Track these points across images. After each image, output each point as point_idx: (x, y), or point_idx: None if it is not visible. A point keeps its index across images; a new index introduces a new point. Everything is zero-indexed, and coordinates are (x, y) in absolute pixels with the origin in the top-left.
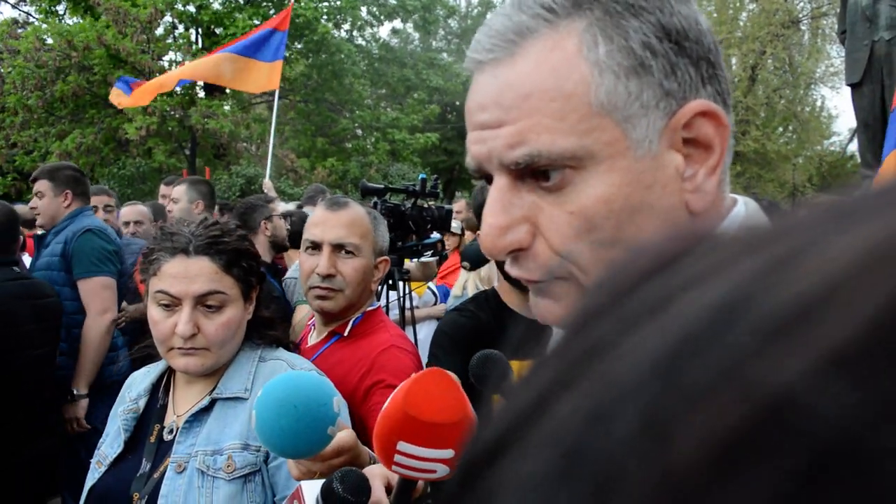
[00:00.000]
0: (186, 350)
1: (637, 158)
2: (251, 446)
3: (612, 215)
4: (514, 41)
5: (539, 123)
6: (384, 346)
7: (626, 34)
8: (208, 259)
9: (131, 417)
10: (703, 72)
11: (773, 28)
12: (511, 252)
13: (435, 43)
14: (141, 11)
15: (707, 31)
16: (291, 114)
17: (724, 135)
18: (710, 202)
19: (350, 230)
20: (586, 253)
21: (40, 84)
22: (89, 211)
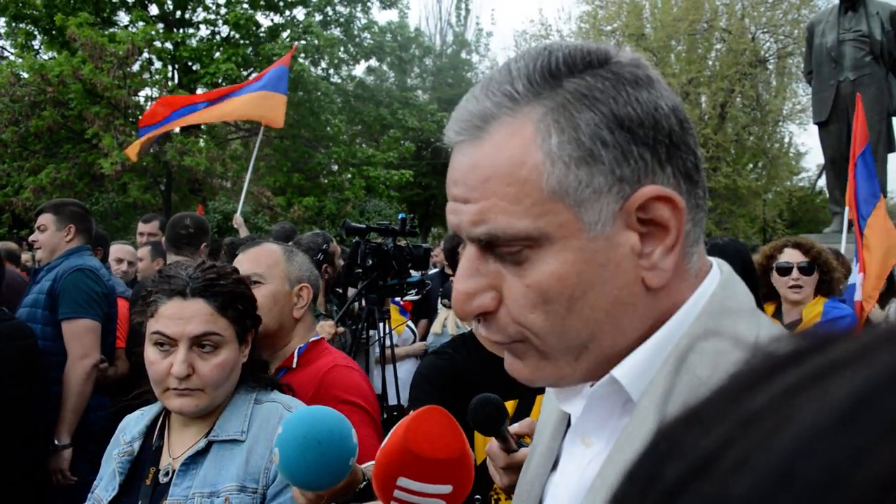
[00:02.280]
0: (181, 391)
1: (590, 239)
2: (248, 488)
3: (565, 290)
4: (479, 126)
5: (496, 205)
6: (328, 367)
7: (576, 126)
8: (204, 301)
9: (126, 460)
10: (660, 155)
11: (740, 67)
12: (478, 315)
13: (410, 81)
14: (118, 47)
15: (668, 112)
16: (267, 150)
17: (679, 216)
18: (667, 279)
19: (255, 264)
20: (539, 322)
21: (14, 119)
22: (87, 250)
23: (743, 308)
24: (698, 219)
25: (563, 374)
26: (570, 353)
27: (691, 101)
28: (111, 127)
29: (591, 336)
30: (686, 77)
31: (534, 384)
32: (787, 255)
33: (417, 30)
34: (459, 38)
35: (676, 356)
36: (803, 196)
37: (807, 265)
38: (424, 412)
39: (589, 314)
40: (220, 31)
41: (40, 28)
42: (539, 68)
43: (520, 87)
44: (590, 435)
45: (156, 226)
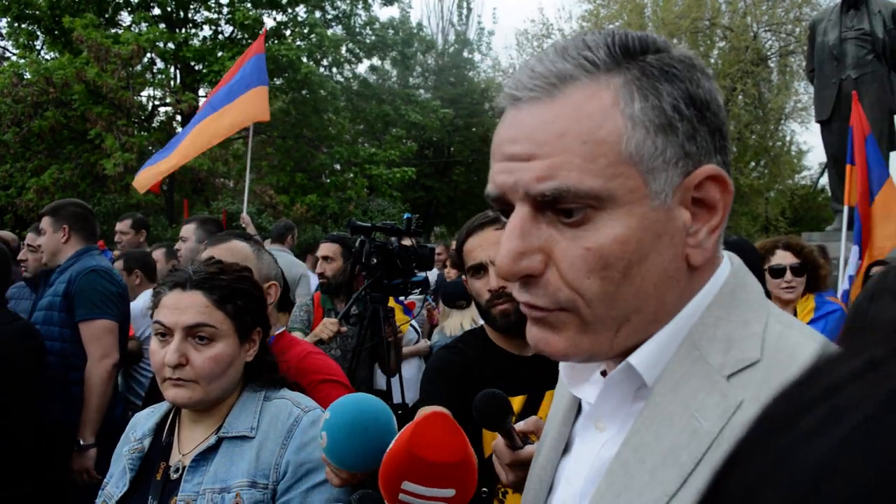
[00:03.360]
0: (175, 381)
1: (653, 208)
2: (259, 484)
3: (624, 256)
4: (555, 84)
5: (570, 161)
6: (303, 355)
7: (659, 95)
8: (201, 293)
9: (136, 457)
10: (716, 141)
11: (742, 65)
12: (523, 277)
13: (412, 80)
14: (123, 48)
15: (721, 105)
16: (269, 149)
17: (727, 199)
18: (707, 258)
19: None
20: (595, 287)
21: (17, 119)
22: (95, 250)
23: (752, 297)
24: (730, 210)
25: (600, 348)
26: (614, 324)
27: None
28: (114, 127)
29: (637, 307)
30: None
31: (567, 358)
32: (780, 257)
33: (419, 24)
34: (461, 37)
35: (690, 343)
36: (805, 194)
37: (798, 266)
38: (428, 417)
39: (640, 284)
40: (223, 31)
41: (42, 28)
42: (618, 42)
43: (601, 54)
44: (603, 419)
45: (128, 224)
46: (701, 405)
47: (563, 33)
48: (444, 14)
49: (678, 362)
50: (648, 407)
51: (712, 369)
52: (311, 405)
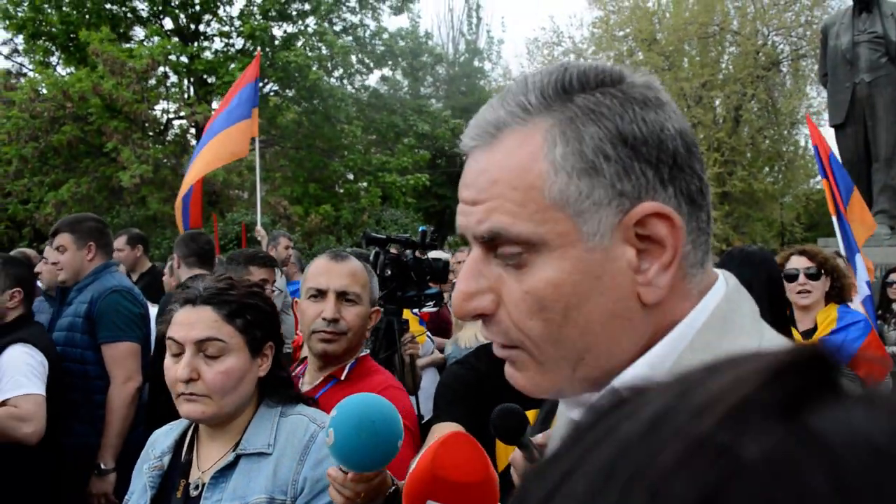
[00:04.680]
0: (188, 396)
1: (588, 249)
2: (277, 499)
3: (561, 298)
4: (492, 133)
5: (502, 206)
6: (382, 387)
7: (580, 138)
8: (211, 308)
9: (157, 474)
10: (662, 174)
11: (753, 70)
12: (476, 316)
13: (423, 90)
14: (137, 62)
15: (675, 135)
16: (283, 161)
17: (677, 235)
18: (661, 296)
19: (353, 279)
20: (537, 329)
21: (35, 134)
22: (114, 267)
23: (746, 322)
24: (700, 241)
25: (561, 385)
26: (567, 363)
27: (704, 104)
28: (129, 140)
29: (586, 347)
30: (699, 81)
31: (533, 395)
32: (794, 262)
33: (427, 34)
34: (472, 47)
35: (678, 369)
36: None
37: (813, 270)
38: (450, 438)
39: (584, 325)
40: (235, 43)
41: (58, 44)
42: (553, 82)
43: (532, 98)
44: None
45: (123, 240)
46: None
47: (574, 41)
48: (453, 24)
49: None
50: None
51: None
52: (328, 421)
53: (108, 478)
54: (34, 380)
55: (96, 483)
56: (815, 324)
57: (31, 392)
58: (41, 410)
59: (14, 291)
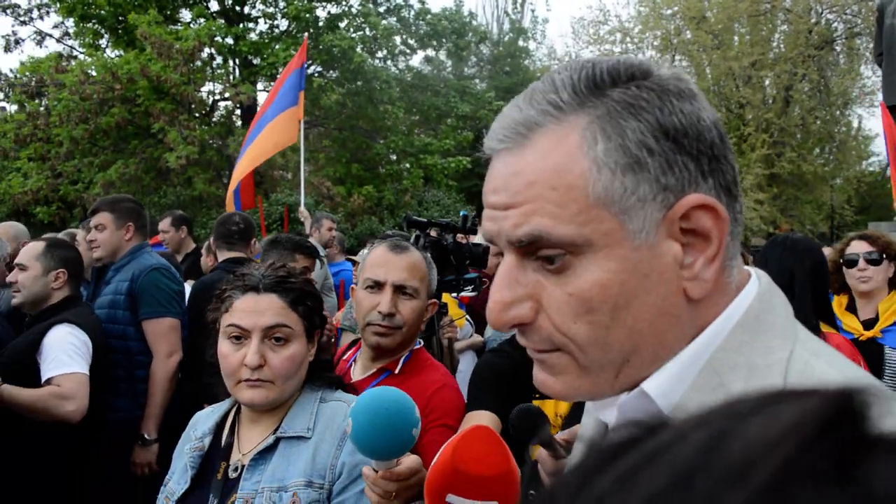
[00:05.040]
0: (253, 382)
1: (634, 248)
2: (315, 483)
3: (608, 299)
4: (523, 134)
5: (542, 208)
6: (437, 386)
7: (623, 133)
8: (276, 296)
9: (197, 455)
10: (703, 166)
11: (805, 49)
12: (514, 326)
13: (467, 70)
14: (184, 44)
15: (710, 125)
16: (326, 141)
17: (721, 226)
18: (708, 290)
19: (411, 273)
20: (583, 332)
21: (84, 116)
22: (148, 246)
23: (779, 322)
24: (736, 233)
25: (601, 389)
26: (612, 366)
27: (754, 84)
28: (176, 122)
29: (633, 348)
30: (748, 60)
31: (565, 399)
32: (854, 247)
33: (471, 13)
34: (516, 26)
35: (710, 370)
36: (873, 181)
37: (874, 255)
38: (472, 432)
39: (633, 325)
40: (279, 25)
41: (106, 27)
42: (584, 78)
43: (565, 95)
44: None
45: (168, 222)
46: None
47: (621, 19)
48: (498, 3)
49: (697, 390)
50: None
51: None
52: None
53: (152, 448)
54: (77, 359)
55: (140, 453)
56: (876, 313)
57: (74, 371)
58: (83, 389)
59: (59, 272)
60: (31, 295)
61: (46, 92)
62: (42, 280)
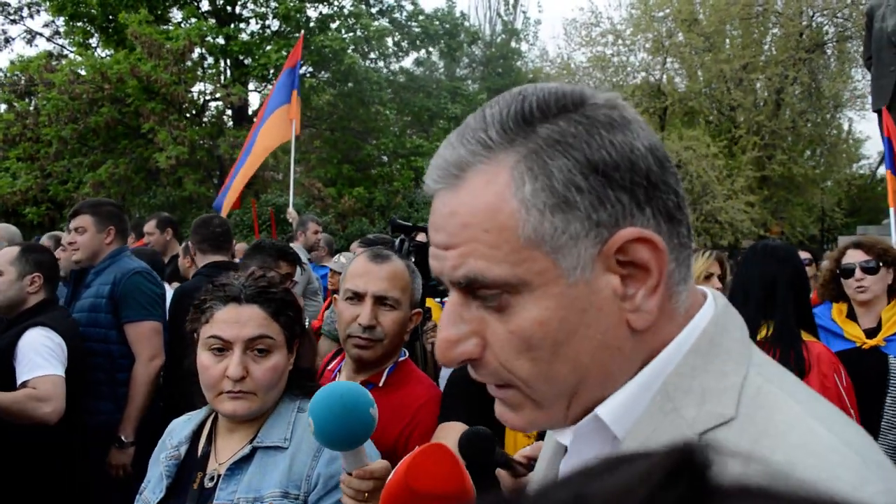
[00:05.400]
0: (235, 394)
1: (570, 284)
2: (290, 494)
3: (548, 336)
4: (455, 174)
5: (476, 250)
6: (422, 401)
7: (549, 173)
8: (258, 306)
9: (173, 464)
10: (638, 196)
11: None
12: (463, 362)
13: (459, 71)
14: (174, 44)
15: (645, 153)
16: (317, 142)
17: (660, 257)
18: (651, 320)
19: (392, 283)
20: (526, 368)
21: (74, 116)
22: (128, 251)
23: (733, 346)
24: (683, 257)
25: (556, 420)
26: (562, 399)
27: (745, 87)
28: (166, 122)
29: (579, 381)
30: (740, 63)
31: (526, 431)
32: (850, 256)
33: (463, 14)
34: (508, 28)
35: (664, 395)
36: (863, 184)
37: (871, 264)
38: (426, 450)
39: (575, 359)
40: (270, 25)
41: (96, 26)
42: (513, 114)
43: (493, 133)
44: None
45: (153, 224)
46: None
47: (613, 21)
48: (490, 4)
49: (650, 414)
50: None
51: (684, 424)
52: None
53: (129, 450)
54: (52, 361)
55: (116, 455)
56: (878, 322)
57: (49, 373)
58: (59, 390)
59: (34, 276)
60: (7, 299)
61: (36, 91)
62: (17, 284)
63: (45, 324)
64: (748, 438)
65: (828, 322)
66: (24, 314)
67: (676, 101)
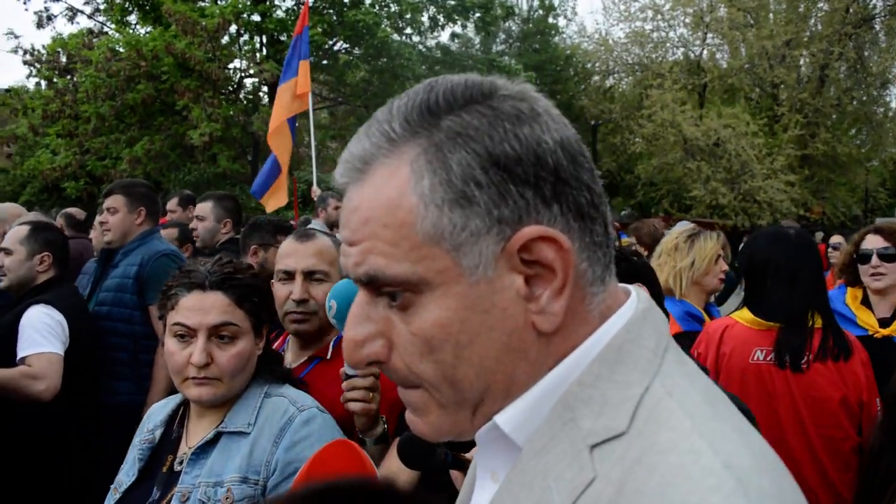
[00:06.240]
0: (200, 380)
1: (471, 284)
2: (250, 480)
3: (449, 338)
4: (359, 168)
5: (376, 247)
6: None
7: (448, 167)
8: (222, 293)
9: (147, 447)
10: (544, 192)
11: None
12: (370, 364)
13: (496, 47)
14: (209, 21)
15: (554, 147)
16: (352, 119)
17: (566, 257)
18: (558, 322)
19: (319, 258)
20: (430, 371)
21: (111, 93)
22: (159, 233)
23: (642, 353)
24: (597, 257)
25: (462, 427)
26: (467, 405)
27: (788, 64)
28: (200, 99)
29: (485, 386)
30: (783, 39)
31: (432, 440)
32: (868, 242)
33: None
34: (545, 3)
35: (563, 404)
36: None
37: (890, 251)
38: (329, 447)
39: (479, 363)
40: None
41: (134, 3)
42: (418, 106)
43: (396, 126)
44: (498, 470)
45: (175, 202)
46: (559, 475)
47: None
48: None
49: (549, 424)
50: (514, 469)
51: (580, 436)
52: (308, 403)
53: None
54: (50, 338)
55: None
56: (893, 311)
57: (46, 350)
58: (54, 368)
59: (43, 255)
60: (17, 278)
61: (75, 69)
62: (27, 264)
63: (48, 301)
64: (633, 455)
65: (841, 307)
66: (31, 292)
67: (716, 78)
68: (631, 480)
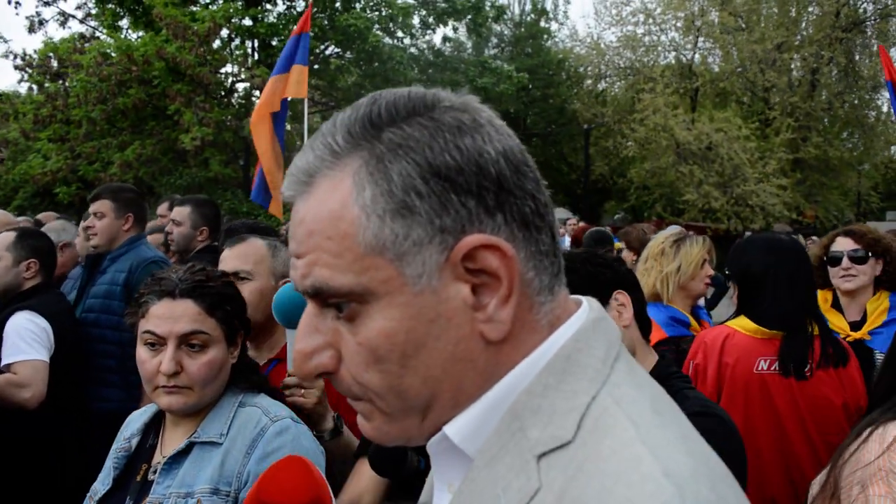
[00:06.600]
0: (170, 388)
1: (416, 293)
2: (221, 491)
3: (395, 348)
4: (304, 181)
5: (321, 259)
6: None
7: (389, 178)
8: (192, 301)
9: (122, 456)
10: (487, 202)
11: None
12: (319, 375)
13: (488, 51)
14: (199, 26)
15: (497, 158)
16: None
17: (510, 265)
18: (506, 331)
19: (243, 260)
20: (376, 381)
21: (103, 97)
22: (145, 239)
23: (591, 362)
24: (544, 266)
25: (411, 434)
26: (415, 413)
27: (779, 67)
28: (192, 103)
29: (432, 395)
30: (773, 43)
31: (382, 444)
32: (839, 244)
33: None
34: (537, 7)
35: (512, 414)
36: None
37: (859, 253)
38: (280, 463)
39: (425, 372)
40: (297, 6)
41: (125, 8)
42: (360, 118)
43: (339, 139)
44: (454, 481)
45: (165, 207)
46: (507, 485)
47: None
48: None
49: (498, 434)
50: (466, 480)
51: (528, 445)
52: (282, 414)
53: None
54: (35, 345)
55: None
56: (863, 314)
57: (31, 358)
58: (39, 375)
59: (30, 262)
60: (3, 285)
61: (66, 73)
62: (13, 270)
63: (32, 307)
64: (576, 464)
65: None
66: (16, 298)
67: (708, 82)
68: (572, 488)
